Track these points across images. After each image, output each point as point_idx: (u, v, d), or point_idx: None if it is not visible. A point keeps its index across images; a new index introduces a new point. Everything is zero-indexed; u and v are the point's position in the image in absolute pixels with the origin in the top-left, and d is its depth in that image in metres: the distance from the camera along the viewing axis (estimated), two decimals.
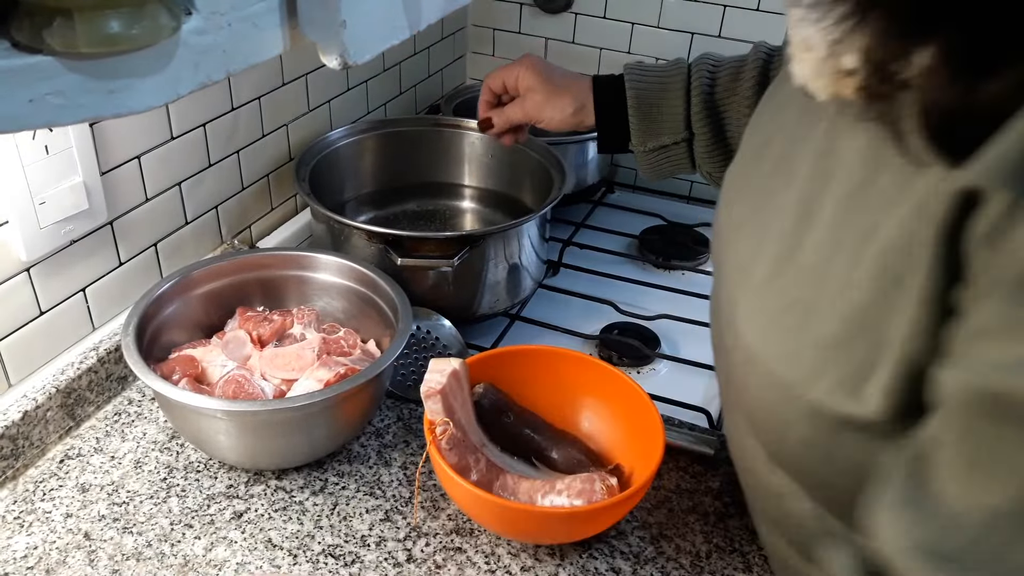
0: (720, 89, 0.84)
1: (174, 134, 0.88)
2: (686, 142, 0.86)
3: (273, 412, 0.70)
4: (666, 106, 0.86)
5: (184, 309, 0.82)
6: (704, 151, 0.86)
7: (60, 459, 0.77)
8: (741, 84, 0.82)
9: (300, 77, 1.06)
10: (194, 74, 0.35)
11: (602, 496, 0.67)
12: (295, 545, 0.70)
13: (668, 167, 0.90)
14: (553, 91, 0.90)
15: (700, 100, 0.84)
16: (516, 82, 0.92)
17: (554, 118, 0.90)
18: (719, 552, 0.71)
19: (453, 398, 0.70)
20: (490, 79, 0.94)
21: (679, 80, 0.85)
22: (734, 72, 0.83)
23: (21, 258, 0.74)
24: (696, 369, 0.97)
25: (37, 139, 0.71)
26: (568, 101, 0.89)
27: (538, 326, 1.02)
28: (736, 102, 0.83)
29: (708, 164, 0.87)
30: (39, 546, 0.68)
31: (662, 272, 1.17)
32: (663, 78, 0.86)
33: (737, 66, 0.84)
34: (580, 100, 0.89)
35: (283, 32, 0.39)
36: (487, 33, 1.50)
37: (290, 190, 1.10)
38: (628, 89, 0.87)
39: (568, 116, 0.89)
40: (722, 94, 0.84)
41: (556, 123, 0.90)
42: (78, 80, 0.31)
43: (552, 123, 0.91)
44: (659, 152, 0.88)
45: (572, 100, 0.89)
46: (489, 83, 0.95)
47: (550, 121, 0.90)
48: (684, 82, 0.85)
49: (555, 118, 0.90)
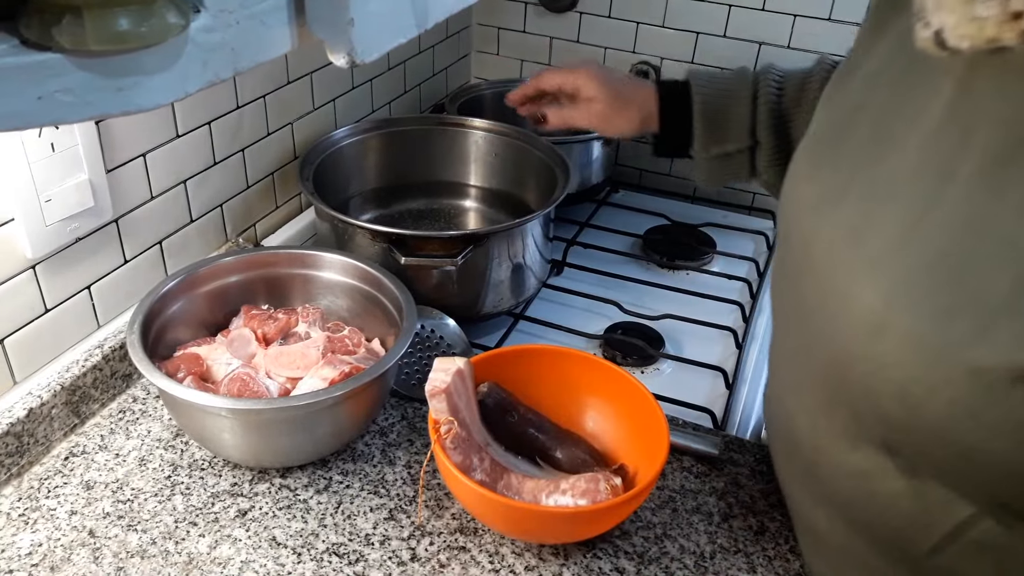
0: (787, 99, 0.85)
1: (179, 132, 0.88)
2: (749, 150, 0.88)
3: (278, 410, 0.70)
4: (732, 114, 0.87)
5: (189, 307, 0.82)
6: (767, 160, 0.87)
7: (65, 456, 0.77)
8: (806, 95, 0.84)
9: (305, 75, 1.06)
10: (202, 72, 0.35)
11: (606, 496, 0.67)
12: (299, 543, 0.70)
13: (727, 174, 0.91)
14: (619, 103, 0.91)
15: (767, 109, 0.86)
16: (576, 91, 0.93)
17: (620, 129, 0.92)
18: (723, 552, 0.71)
19: (457, 397, 0.70)
20: (545, 80, 0.95)
21: (746, 89, 0.87)
22: (800, 83, 0.85)
23: (26, 255, 0.74)
24: (700, 369, 0.97)
25: (43, 137, 0.71)
26: (634, 113, 0.91)
27: (542, 325, 1.02)
28: (802, 112, 0.84)
29: (768, 172, 0.88)
30: (44, 543, 0.68)
31: (666, 272, 1.17)
32: (729, 86, 0.88)
33: (803, 78, 0.85)
34: (645, 110, 0.91)
35: (291, 30, 0.39)
36: (492, 32, 1.50)
37: (295, 188, 1.10)
38: (695, 95, 0.88)
39: (635, 127, 0.91)
40: (788, 104, 0.86)
41: (620, 133, 0.93)
42: (87, 77, 0.31)
43: (616, 133, 0.93)
44: (721, 159, 0.89)
45: (638, 111, 0.91)
46: (542, 83, 0.95)
47: (615, 132, 0.93)
48: (751, 91, 0.87)
49: (622, 129, 0.92)
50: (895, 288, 0.47)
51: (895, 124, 0.52)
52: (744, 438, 0.85)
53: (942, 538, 0.52)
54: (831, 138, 0.59)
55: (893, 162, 0.51)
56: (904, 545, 0.55)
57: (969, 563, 0.52)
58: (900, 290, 0.47)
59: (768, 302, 1.11)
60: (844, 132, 0.58)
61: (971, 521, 0.50)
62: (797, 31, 1.29)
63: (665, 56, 1.39)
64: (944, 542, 0.53)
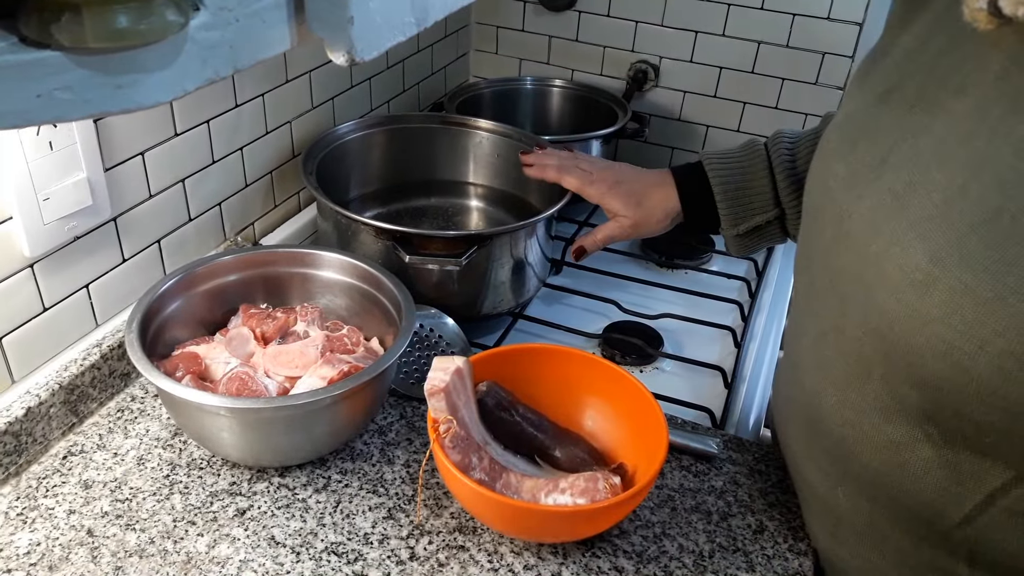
0: (802, 161, 0.87)
1: (178, 131, 0.88)
2: (778, 219, 0.89)
3: (276, 409, 0.70)
4: (753, 188, 0.89)
5: (187, 306, 0.81)
6: (797, 221, 0.87)
7: (63, 455, 0.76)
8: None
9: (304, 74, 1.05)
10: (201, 70, 0.35)
11: (605, 495, 0.67)
12: (298, 543, 0.70)
13: (761, 243, 0.93)
14: (643, 212, 0.93)
15: (784, 176, 0.87)
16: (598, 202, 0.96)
17: (653, 232, 0.95)
18: (722, 551, 0.71)
19: (456, 396, 0.70)
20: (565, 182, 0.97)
21: (760, 161, 0.89)
22: (811, 143, 0.87)
23: (25, 254, 0.74)
24: (699, 368, 0.97)
25: (41, 135, 0.71)
26: (660, 216, 0.93)
27: (541, 325, 1.02)
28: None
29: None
30: (42, 542, 0.68)
31: (665, 271, 1.17)
32: (743, 162, 0.90)
33: (813, 138, 0.87)
34: (668, 208, 0.93)
35: (290, 28, 0.38)
36: (491, 31, 1.50)
37: (293, 187, 1.10)
38: (712, 179, 0.90)
39: (665, 227, 0.94)
40: (804, 166, 0.86)
41: (653, 234, 0.96)
42: (86, 75, 0.31)
43: (649, 235, 0.96)
44: (751, 233, 0.91)
45: (664, 214, 0.93)
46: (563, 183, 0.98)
47: (648, 235, 0.96)
48: (766, 162, 0.89)
49: (654, 232, 0.95)
50: (944, 246, 0.48)
51: (939, 95, 0.53)
52: (743, 437, 0.85)
53: (974, 507, 0.53)
54: (865, 117, 0.60)
55: (939, 130, 0.52)
56: (932, 518, 0.56)
57: (999, 531, 0.53)
58: (950, 247, 0.48)
59: (767, 300, 1.12)
60: (880, 109, 0.59)
61: (1005, 488, 0.51)
62: (796, 30, 1.29)
63: (664, 55, 1.39)
64: (975, 511, 0.53)
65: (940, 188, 0.50)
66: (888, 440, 0.56)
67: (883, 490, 0.58)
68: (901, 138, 0.55)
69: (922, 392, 0.51)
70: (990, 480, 0.52)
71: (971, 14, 0.47)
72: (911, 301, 0.49)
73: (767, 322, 1.08)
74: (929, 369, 0.49)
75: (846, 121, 0.63)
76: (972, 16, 0.47)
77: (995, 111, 0.49)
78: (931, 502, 0.55)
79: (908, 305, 0.50)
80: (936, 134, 0.52)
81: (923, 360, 0.49)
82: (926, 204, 0.50)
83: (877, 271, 0.53)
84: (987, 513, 0.53)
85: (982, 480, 0.52)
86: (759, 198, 0.89)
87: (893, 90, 0.58)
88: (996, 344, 0.45)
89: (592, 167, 0.98)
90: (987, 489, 0.52)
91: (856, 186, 0.57)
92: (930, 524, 0.56)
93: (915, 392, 0.52)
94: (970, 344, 0.46)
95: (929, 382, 0.50)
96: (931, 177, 0.51)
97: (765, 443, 0.84)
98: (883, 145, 0.56)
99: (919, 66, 0.57)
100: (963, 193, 0.48)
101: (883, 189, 0.54)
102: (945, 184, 0.50)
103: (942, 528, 0.56)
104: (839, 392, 0.59)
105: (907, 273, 0.50)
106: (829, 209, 0.60)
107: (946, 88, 0.53)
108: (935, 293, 0.48)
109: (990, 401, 0.47)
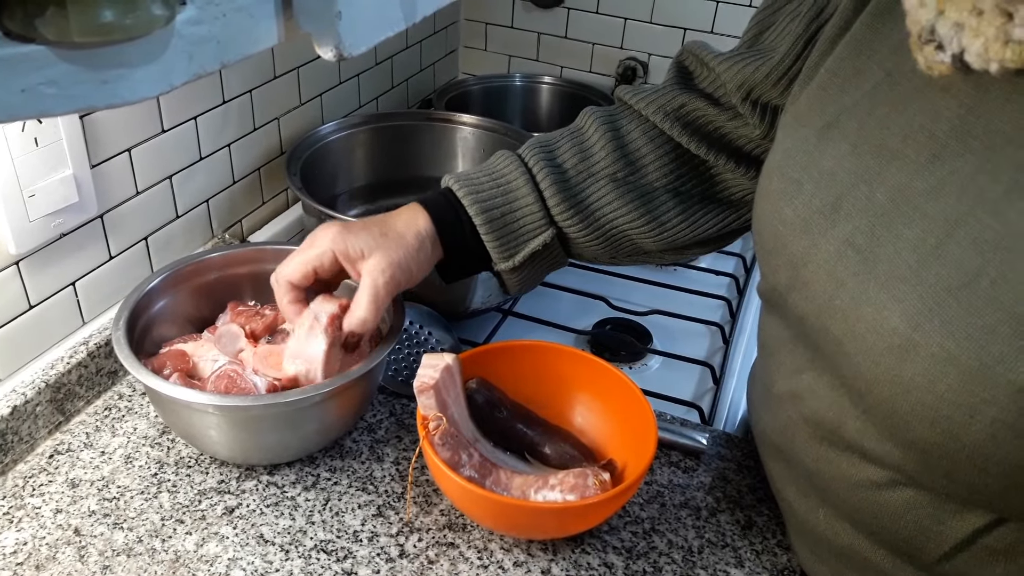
0: (571, 169, 0.74)
1: (165, 127, 0.87)
2: (556, 238, 0.74)
3: (265, 407, 0.70)
4: (520, 209, 0.73)
5: (175, 304, 0.81)
6: (582, 240, 0.75)
7: (50, 454, 0.76)
8: (594, 153, 0.75)
9: (292, 70, 1.05)
10: (188, 65, 0.35)
11: (595, 491, 0.67)
12: (287, 541, 0.69)
13: (542, 271, 0.78)
14: (390, 241, 0.70)
15: (551, 184, 0.73)
16: (326, 263, 0.70)
17: (421, 273, 0.72)
18: (711, 547, 0.71)
19: (446, 393, 0.70)
20: (285, 276, 0.70)
21: (517, 173, 0.74)
22: (576, 146, 0.75)
23: (10, 251, 0.73)
24: (688, 364, 0.97)
25: (27, 131, 0.71)
26: (413, 242, 0.70)
27: (530, 321, 1.02)
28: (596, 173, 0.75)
29: (591, 249, 0.77)
30: (29, 542, 0.68)
31: (654, 267, 1.17)
32: (498, 178, 0.74)
33: (577, 140, 0.75)
34: (419, 229, 0.71)
35: (278, 23, 0.38)
36: (480, 27, 1.50)
37: (281, 184, 1.10)
38: (469, 206, 0.72)
39: (428, 259, 0.72)
40: (574, 173, 0.74)
41: (421, 276, 0.72)
42: (71, 70, 0.31)
43: (419, 279, 0.72)
44: (531, 261, 0.75)
45: (415, 238, 0.70)
46: (287, 279, 0.70)
47: (418, 279, 0.72)
48: (526, 174, 0.73)
49: (423, 271, 0.72)
50: (922, 310, 0.46)
51: (883, 138, 0.51)
52: (731, 433, 0.85)
53: (955, 545, 0.52)
54: (805, 157, 0.57)
55: (893, 179, 0.50)
56: (912, 552, 0.55)
57: (981, 568, 0.52)
58: (928, 312, 0.46)
59: (755, 297, 1.12)
60: (820, 148, 0.56)
61: (988, 528, 0.50)
62: None
63: (652, 52, 1.39)
64: (956, 549, 0.52)
65: (911, 246, 0.48)
66: (866, 480, 0.54)
67: (862, 525, 0.57)
68: (851, 184, 0.53)
69: (907, 452, 0.50)
70: (973, 520, 0.51)
71: (929, 63, 0.46)
72: (891, 366, 0.48)
73: (755, 318, 1.08)
74: (916, 434, 0.48)
75: (785, 159, 0.59)
76: (930, 65, 0.46)
77: (962, 167, 0.47)
78: (910, 538, 0.54)
79: (888, 370, 0.48)
80: (891, 183, 0.50)
81: (908, 424, 0.48)
82: (897, 263, 0.48)
83: (845, 328, 0.51)
84: (968, 551, 0.52)
85: (965, 519, 0.51)
86: (529, 219, 0.73)
87: (831, 126, 0.56)
88: (987, 413, 0.44)
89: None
90: (969, 529, 0.51)
91: (809, 232, 0.55)
92: (911, 556, 0.55)
93: (899, 450, 0.51)
94: (959, 413, 0.45)
95: (916, 444, 0.49)
96: (897, 232, 0.49)
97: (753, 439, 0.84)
98: (831, 190, 0.54)
99: (855, 100, 0.55)
100: (937, 254, 0.46)
101: (840, 239, 0.52)
102: (916, 242, 0.48)
103: (923, 561, 0.55)
104: (812, 429, 0.58)
105: (884, 337, 0.48)
106: (782, 253, 0.58)
107: (889, 130, 0.51)
108: (917, 360, 0.46)
109: (984, 466, 0.46)
